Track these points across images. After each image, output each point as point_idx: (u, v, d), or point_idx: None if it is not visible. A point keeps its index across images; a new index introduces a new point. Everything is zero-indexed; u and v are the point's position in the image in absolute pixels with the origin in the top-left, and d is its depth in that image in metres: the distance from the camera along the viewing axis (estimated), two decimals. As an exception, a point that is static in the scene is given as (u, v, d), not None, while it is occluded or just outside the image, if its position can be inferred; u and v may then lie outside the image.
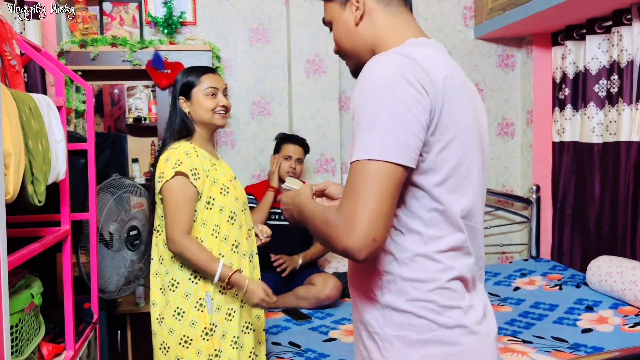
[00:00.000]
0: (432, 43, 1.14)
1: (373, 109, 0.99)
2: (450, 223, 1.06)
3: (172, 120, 2.07)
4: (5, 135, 1.28)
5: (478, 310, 1.09)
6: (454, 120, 1.03)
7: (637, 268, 2.73)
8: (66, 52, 3.14)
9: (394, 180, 0.97)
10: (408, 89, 0.98)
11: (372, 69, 1.02)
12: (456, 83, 1.06)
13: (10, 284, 1.68)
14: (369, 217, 0.95)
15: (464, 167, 1.07)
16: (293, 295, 2.97)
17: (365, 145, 0.98)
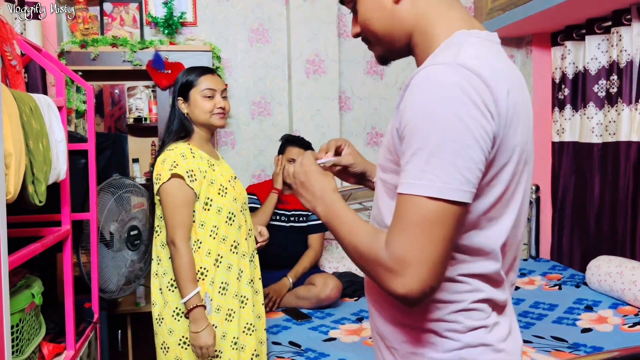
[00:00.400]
0: (486, 37, 0.98)
1: (434, 135, 0.85)
2: (483, 251, 0.96)
3: (170, 121, 2.07)
4: (6, 135, 1.29)
5: (503, 326, 1.01)
6: (511, 143, 0.92)
7: (636, 268, 2.74)
8: (67, 52, 3.14)
9: (456, 221, 0.86)
10: (475, 114, 0.85)
11: (433, 85, 0.86)
12: (517, 97, 0.93)
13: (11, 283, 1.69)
14: (428, 266, 0.84)
15: (510, 190, 0.95)
16: (293, 295, 2.97)
17: (422, 179, 0.85)
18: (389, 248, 0.87)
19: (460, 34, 0.96)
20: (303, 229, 3.24)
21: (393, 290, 0.87)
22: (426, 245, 0.85)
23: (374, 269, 0.90)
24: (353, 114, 3.90)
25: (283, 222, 3.19)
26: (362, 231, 0.95)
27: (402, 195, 0.87)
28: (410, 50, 1.04)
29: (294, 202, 3.22)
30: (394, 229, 0.88)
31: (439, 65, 0.88)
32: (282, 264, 3.13)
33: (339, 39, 3.80)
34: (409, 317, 0.99)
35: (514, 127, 0.92)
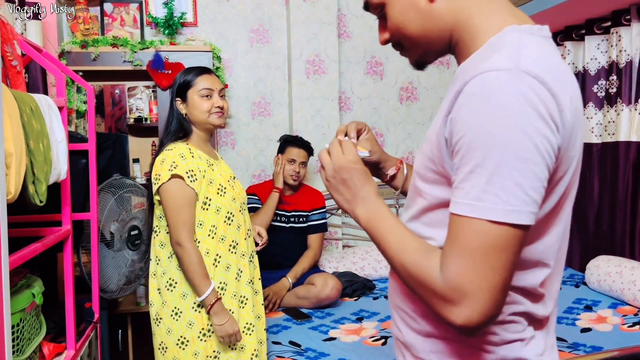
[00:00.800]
0: (539, 32, 0.88)
1: (496, 151, 0.76)
2: (526, 265, 0.88)
3: (169, 121, 2.08)
4: (7, 135, 1.29)
5: (540, 341, 0.93)
6: (570, 155, 0.84)
7: (635, 268, 2.74)
8: (67, 52, 3.15)
9: (519, 245, 0.78)
10: (540, 126, 0.76)
11: (494, 94, 0.77)
12: (578, 103, 0.85)
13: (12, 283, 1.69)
14: (489, 295, 0.77)
15: (561, 203, 0.88)
16: (293, 295, 2.98)
17: (484, 200, 0.76)
18: (445, 274, 0.80)
19: (512, 30, 0.85)
20: (303, 230, 3.24)
21: (449, 319, 0.80)
22: (488, 273, 0.77)
23: (427, 294, 0.83)
24: (353, 114, 3.90)
25: (283, 222, 3.20)
26: (411, 246, 0.87)
27: (460, 217, 0.79)
28: (451, 48, 0.95)
29: (294, 203, 3.23)
30: (451, 253, 0.79)
31: (498, 72, 0.78)
32: (282, 264, 3.13)
33: (339, 39, 3.80)
34: (442, 329, 0.93)
35: (574, 138, 0.84)
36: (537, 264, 0.88)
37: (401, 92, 3.99)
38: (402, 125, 4.01)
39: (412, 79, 4.00)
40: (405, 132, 4.02)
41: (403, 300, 0.99)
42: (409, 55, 0.99)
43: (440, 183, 0.88)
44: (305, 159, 3.22)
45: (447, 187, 0.87)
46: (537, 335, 0.93)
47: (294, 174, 3.16)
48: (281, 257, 3.15)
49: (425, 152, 0.91)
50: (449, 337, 0.92)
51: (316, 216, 3.26)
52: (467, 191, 0.78)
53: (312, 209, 3.25)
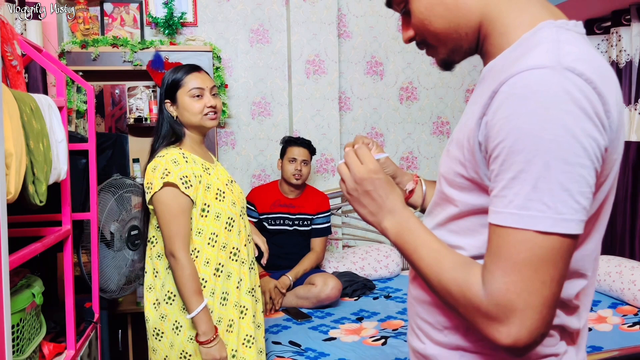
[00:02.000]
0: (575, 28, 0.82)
1: (541, 155, 0.70)
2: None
3: (159, 125, 1.94)
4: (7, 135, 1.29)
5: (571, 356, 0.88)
6: (613, 157, 0.79)
7: (635, 268, 2.74)
8: (67, 52, 3.15)
9: (570, 256, 0.73)
10: (587, 126, 0.71)
11: (537, 94, 0.71)
12: (621, 101, 0.80)
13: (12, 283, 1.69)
14: (539, 311, 0.71)
15: (603, 207, 0.82)
16: (293, 295, 2.98)
17: (530, 209, 0.71)
18: (489, 290, 0.74)
19: (548, 25, 0.79)
20: (307, 233, 3.24)
21: (496, 339, 0.74)
22: (538, 287, 0.71)
23: (469, 312, 0.77)
24: (353, 114, 3.91)
25: (287, 225, 3.19)
26: (448, 261, 0.81)
27: (503, 228, 0.73)
28: (479, 46, 0.88)
29: (299, 206, 3.22)
30: (495, 267, 0.74)
31: (540, 70, 0.72)
32: (284, 266, 3.13)
33: (339, 39, 3.80)
34: (472, 342, 0.87)
35: (618, 139, 0.79)
36: (574, 275, 0.83)
37: (401, 92, 3.99)
38: (402, 125, 4.01)
39: (412, 79, 4.00)
40: (405, 132, 4.02)
41: (427, 311, 0.94)
42: (435, 54, 0.93)
43: (472, 189, 0.83)
44: (307, 158, 3.20)
45: (479, 193, 0.82)
46: (570, 350, 0.88)
47: (297, 173, 3.14)
48: (283, 259, 3.15)
49: (455, 156, 0.85)
50: (477, 350, 0.87)
51: (320, 220, 3.26)
52: (510, 199, 0.72)
53: (316, 213, 3.25)
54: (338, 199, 3.80)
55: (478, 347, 0.87)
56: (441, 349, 0.91)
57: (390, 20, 3.92)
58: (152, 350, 1.94)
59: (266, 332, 2.62)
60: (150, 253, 1.94)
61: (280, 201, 3.21)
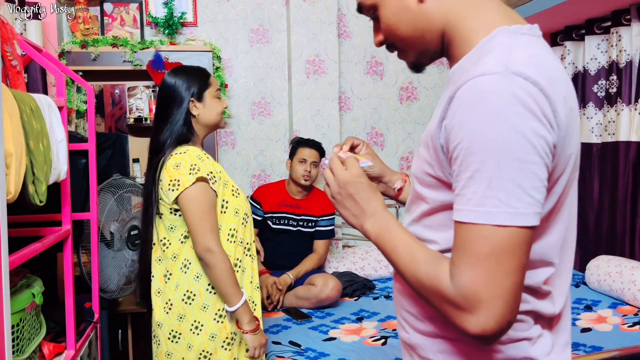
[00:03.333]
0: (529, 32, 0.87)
1: (493, 155, 0.76)
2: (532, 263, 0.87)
3: (174, 123, 1.89)
4: (7, 135, 1.29)
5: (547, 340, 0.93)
6: (567, 154, 0.84)
7: (636, 268, 2.74)
8: (67, 52, 3.15)
9: (527, 246, 0.78)
10: (535, 126, 0.76)
11: (486, 99, 0.77)
12: (572, 102, 0.85)
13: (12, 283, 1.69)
14: (503, 299, 0.76)
15: (561, 201, 0.88)
16: (293, 295, 2.98)
17: (487, 205, 0.76)
18: (455, 283, 0.79)
19: (503, 31, 0.85)
20: (310, 234, 3.24)
21: (466, 329, 0.79)
22: (500, 278, 0.76)
23: (440, 304, 0.82)
24: (353, 114, 3.91)
25: (291, 226, 3.19)
26: (421, 257, 0.86)
27: (464, 225, 0.79)
28: (444, 50, 0.95)
29: (305, 207, 3.21)
30: (460, 261, 0.79)
31: (489, 76, 0.78)
32: (285, 266, 3.12)
33: (339, 39, 3.80)
34: (448, 330, 0.93)
35: (570, 136, 0.83)
36: (540, 263, 0.88)
37: (401, 92, 3.99)
38: (402, 125, 4.01)
39: (412, 79, 4.00)
40: (405, 132, 4.02)
41: (409, 303, 0.99)
42: (405, 58, 0.99)
43: (439, 187, 0.88)
44: (316, 159, 3.18)
45: (446, 190, 0.87)
46: (545, 334, 0.92)
47: (306, 174, 3.13)
48: (286, 259, 3.15)
49: (423, 156, 0.91)
50: (456, 338, 0.92)
51: (325, 222, 3.25)
52: (469, 198, 0.78)
53: (321, 215, 3.24)
54: (338, 199, 3.79)
55: (456, 335, 0.92)
56: (422, 337, 0.97)
57: (390, 20, 3.92)
58: (167, 355, 1.90)
59: (266, 332, 2.62)
60: (162, 255, 1.90)
61: (287, 201, 3.20)
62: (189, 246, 1.86)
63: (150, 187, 1.88)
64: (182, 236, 1.86)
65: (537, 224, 0.78)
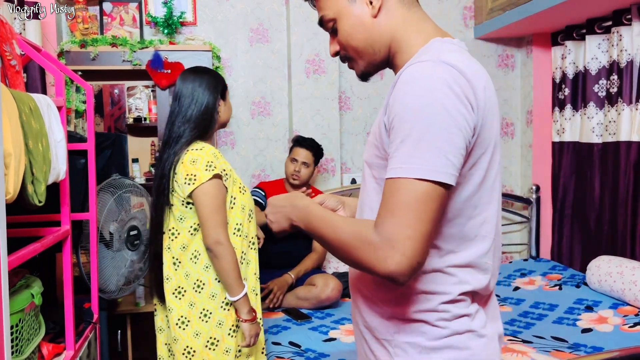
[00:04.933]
0: (458, 44, 1.08)
1: (420, 123, 0.91)
2: (469, 239, 1.03)
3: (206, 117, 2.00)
4: (6, 135, 1.28)
5: (482, 314, 1.08)
6: (487, 135, 0.99)
7: (636, 268, 2.73)
8: (66, 52, 3.14)
9: (440, 201, 0.92)
10: (457, 104, 0.92)
11: (419, 80, 0.94)
12: (491, 94, 1.02)
13: (11, 283, 1.68)
14: (415, 241, 0.89)
15: (490, 179, 1.03)
16: (294, 296, 2.97)
17: (411, 163, 0.91)
18: (378, 229, 0.92)
19: (436, 41, 1.05)
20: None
21: (383, 268, 0.91)
22: (415, 223, 0.90)
23: (362, 251, 0.94)
24: (353, 114, 3.90)
25: None
26: (346, 224, 1.00)
27: (391, 180, 0.93)
28: (390, 60, 1.12)
29: None
30: (383, 211, 0.93)
31: (423, 62, 0.96)
32: (284, 265, 3.13)
33: (339, 39, 3.79)
34: (400, 310, 1.05)
35: (490, 120, 1.00)
36: (478, 238, 1.03)
37: (401, 92, 3.98)
38: (402, 125, 4.00)
39: (412, 79, 3.99)
40: (405, 132, 4.01)
41: (368, 288, 1.11)
42: (355, 67, 1.16)
43: (385, 166, 0.99)
44: (308, 160, 3.20)
45: None
46: (480, 311, 1.07)
47: (295, 174, 3.16)
48: (284, 258, 3.15)
49: (371, 142, 1.07)
50: (407, 317, 1.05)
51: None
52: (398, 157, 0.93)
53: None
54: (338, 199, 3.79)
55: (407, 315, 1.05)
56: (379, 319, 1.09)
57: (390, 20, 3.91)
58: (174, 340, 1.99)
59: (266, 332, 2.61)
60: (171, 244, 2.00)
61: None
62: (199, 238, 1.96)
63: (161, 179, 1.98)
64: (191, 228, 1.97)
65: (451, 183, 0.92)
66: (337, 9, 1.11)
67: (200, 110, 1.99)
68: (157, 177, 2.01)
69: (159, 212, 2.02)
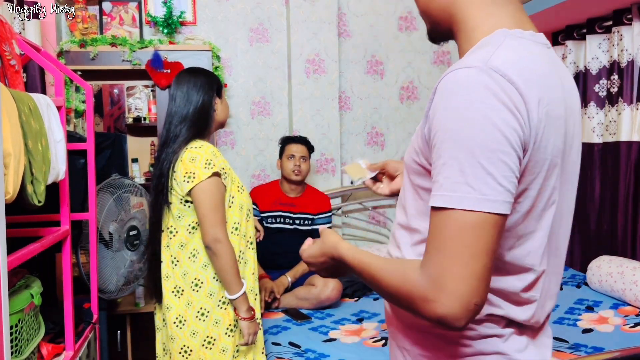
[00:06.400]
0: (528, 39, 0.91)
1: (465, 142, 0.79)
2: (506, 271, 0.90)
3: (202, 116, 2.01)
4: (5, 135, 1.28)
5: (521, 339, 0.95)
6: (542, 155, 0.85)
7: (637, 268, 2.73)
8: (66, 51, 3.14)
9: (495, 233, 0.79)
10: (508, 117, 0.79)
11: (458, 89, 0.82)
12: (552, 102, 0.86)
13: (10, 284, 1.68)
14: (469, 280, 0.77)
15: (539, 206, 0.89)
16: (293, 296, 2.97)
17: (457, 191, 0.79)
18: (424, 269, 0.81)
19: (500, 33, 0.89)
20: (307, 233, 3.23)
21: (433, 313, 0.79)
22: (467, 261, 0.78)
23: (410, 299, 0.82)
24: (353, 114, 3.90)
25: (287, 224, 3.19)
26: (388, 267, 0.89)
27: (437, 210, 0.81)
28: (453, 36, 1.00)
29: (300, 205, 3.22)
30: (429, 247, 0.81)
31: (467, 69, 0.83)
32: (282, 265, 3.13)
33: (339, 39, 3.79)
34: (419, 320, 0.93)
35: (546, 139, 0.85)
36: (519, 269, 0.90)
37: (401, 92, 3.98)
38: (402, 124, 4.00)
39: (412, 79, 3.99)
40: (405, 131, 4.01)
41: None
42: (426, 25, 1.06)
43: (424, 174, 0.92)
44: (305, 154, 3.23)
45: (429, 178, 0.90)
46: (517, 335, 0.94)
47: (296, 169, 3.17)
48: (282, 258, 3.14)
49: (413, 145, 0.96)
50: (425, 329, 0.95)
51: (322, 220, 3.26)
52: (441, 183, 0.81)
53: (318, 213, 3.25)
54: (338, 199, 3.79)
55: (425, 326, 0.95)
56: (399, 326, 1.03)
57: (390, 19, 3.91)
58: (171, 339, 1.99)
59: (266, 333, 2.61)
60: (169, 242, 2.01)
61: (281, 200, 3.21)
62: (197, 237, 1.97)
63: (159, 178, 1.99)
64: (189, 226, 1.97)
65: (506, 212, 0.79)
66: None
67: (196, 108, 2.01)
68: (155, 176, 2.03)
69: (158, 210, 2.03)
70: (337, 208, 3.78)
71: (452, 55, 4.03)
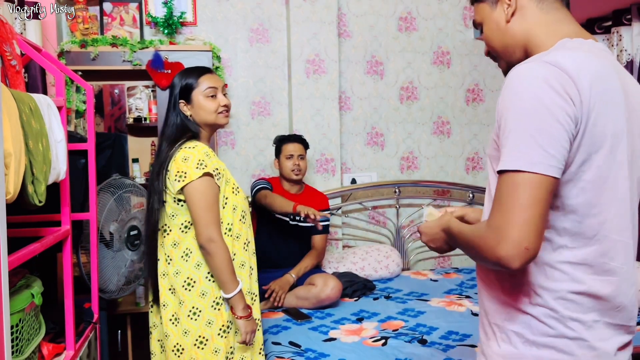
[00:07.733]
0: (587, 44, 1.10)
1: (520, 120, 0.99)
2: (587, 237, 1.05)
3: (170, 123, 2.04)
4: (6, 135, 1.28)
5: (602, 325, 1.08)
6: (601, 130, 1.02)
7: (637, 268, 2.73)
8: (66, 52, 3.14)
9: (542, 190, 0.97)
10: (555, 97, 0.98)
11: (517, 79, 1.02)
12: (607, 88, 1.04)
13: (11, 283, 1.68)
14: (519, 227, 0.95)
15: (610, 179, 1.05)
16: (293, 295, 2.97)
17: (512, 157, 0.99)
18: (489, 222, 1.01)
19: (562, 41, 1.10)
20: (307, 229, 3.23)
21: (493, 255, 0.98)
22: (518, 210, 0.96)
23: (478, 244, 1.02)
24: (353, 114, 3.90)
25: (288, 220, 3.19)
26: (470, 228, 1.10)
27: (500, 175, 1.01)
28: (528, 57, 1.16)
29: (300, 202, 3.22)
30: (494, 204, 1.01)
31: (527, 63, 1.04)
32: (283, 263, 3.13)
33: (339, 39, 3.80)
34: (512, 299, 1.10)
35: (602, 115, 1.02)
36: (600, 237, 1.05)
37: (401, 92, 3.99)
38: (402, 125, 4.01)
39: (412, 79, 4.00)
40: (405, 132, 4.01)
41: (486, 272, 1.18)
42: (500, 65, 1.26)
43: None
44: (303, 152, 3.24)
45: None
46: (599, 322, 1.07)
47: (295, 168, 3.18)
48: (283, 255, 3.15)
49: (492, 135, 1.14)
50: (517, 307, 1.10)
51: (322, 218, 3.25)
52: (504, 152, 1.01)
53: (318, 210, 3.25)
54: (338, 199, 3.79)
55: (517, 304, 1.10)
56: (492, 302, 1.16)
57: (390, 20, 3.92)
58: (165, 336, 1.99)
59: (266, 332, 2.61)
60: (163, 241, 2.01)
61: (283, 196, 3.21)
62: (190, 236, 1.96)
63: (157, 175, 1.99)
64: (182, 225, 1.97)
65: (548, 174, 0.97)
66: (482, 14, 1.23)
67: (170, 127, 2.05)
68: (152, 174, 2.04)
69: (154, 209, 2.03)
70: (336, 208, 3.79)
71: (452, 56, 4.03)
